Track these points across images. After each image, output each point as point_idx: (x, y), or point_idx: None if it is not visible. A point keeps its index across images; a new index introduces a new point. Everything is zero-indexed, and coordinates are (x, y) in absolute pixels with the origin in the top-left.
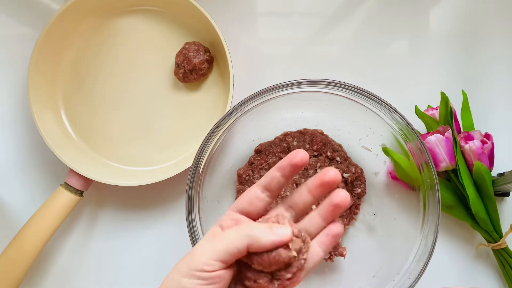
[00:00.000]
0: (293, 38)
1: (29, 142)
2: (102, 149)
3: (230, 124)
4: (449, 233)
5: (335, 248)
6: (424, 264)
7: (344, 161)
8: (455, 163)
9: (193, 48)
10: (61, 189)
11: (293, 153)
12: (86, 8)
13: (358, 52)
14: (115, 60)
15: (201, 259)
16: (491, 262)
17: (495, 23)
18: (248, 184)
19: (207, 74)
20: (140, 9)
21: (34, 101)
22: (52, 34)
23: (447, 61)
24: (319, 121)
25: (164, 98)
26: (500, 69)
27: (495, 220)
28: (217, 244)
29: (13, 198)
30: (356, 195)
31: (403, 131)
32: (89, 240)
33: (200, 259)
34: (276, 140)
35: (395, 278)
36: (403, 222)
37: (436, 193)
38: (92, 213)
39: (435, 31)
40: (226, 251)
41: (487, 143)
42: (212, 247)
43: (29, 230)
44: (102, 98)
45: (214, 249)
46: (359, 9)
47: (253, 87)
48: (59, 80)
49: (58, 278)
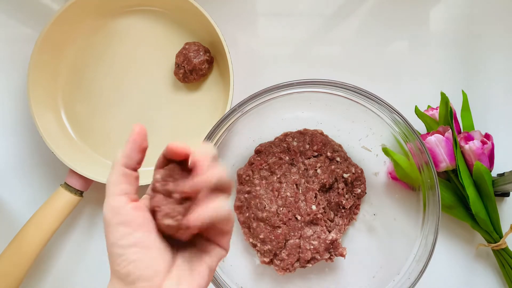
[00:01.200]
0: (293, 38)
1: (29, 143)
2: (102, 149)
3: (230, 125)
4: (449, 233)
5: (335, 248)
6: (424, 264)
7: (344, 161)
8: (455, 163)
9: (193, 49)
10: (61, 189)
11: None
12: (86, 8)
13: (358, 52)
14: (115, 60)
15: (107, 211)
16: (491, 262)
17: (495, 23)
18: (248, 184)
19: (207, 75)
20: (140, 9)
21: (34, 102)
22: (52, 34)
23: (447, 61)
24: (319, 121)
25: (164, 98)
26: (500, 69)
27: (495, 220)
28: (108, 189)
29: (13, 198)
30: (356, 195)
31: (403, 131)
32: (89, 240)
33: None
34: (276, 141)
35: (395, 278)
36: (403, 222)
37: (436, 193)
38: (92, 213)
39: (435, 32)
40: (113, 183)
41: (487, 143)
42: (107, 193)
43: (29, 230)
44: (102, 98)
45: (108, 193)
46: (359, 9)
47: (253, 88)
48: (59, 81)
49: (58, 278)
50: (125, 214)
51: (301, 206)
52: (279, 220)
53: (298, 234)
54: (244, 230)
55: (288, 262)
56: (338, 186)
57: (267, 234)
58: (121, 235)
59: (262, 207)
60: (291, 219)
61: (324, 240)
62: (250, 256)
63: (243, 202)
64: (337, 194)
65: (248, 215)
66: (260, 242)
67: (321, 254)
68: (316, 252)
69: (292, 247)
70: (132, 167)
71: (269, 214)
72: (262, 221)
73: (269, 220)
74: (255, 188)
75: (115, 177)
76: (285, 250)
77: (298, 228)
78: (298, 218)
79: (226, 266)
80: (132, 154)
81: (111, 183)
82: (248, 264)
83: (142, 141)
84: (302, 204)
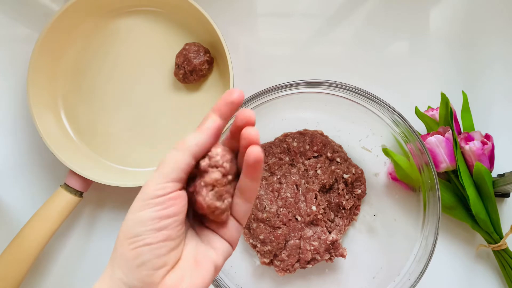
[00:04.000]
0: (293, 39)
1: (29, 143)
2: (102, 150)
3: (230, 125)
4: (449, 234)
5: (336, 249)
6: (425, 265)
7: (344, 162)
8: (456, 164)
9: (193, 49)
10: (61, 190)
11: (228, 92)
12: (86, 9)
13: (358, 53)
14: (115, 61)
15: (153, 187)
16: (491, 263)
17: (495, 24)
18: None
19: (207, 75)
20: (140, 10)
21: (34, 102)
22: (52, 35)
23: (447, 62)
24: (319, 122)
25: (164, 99)
26: (500, 69)
27: (495, 221)
28: (164, 168)
29: (13, 199)
30: (357, 196)
31: (403, 132)
32: (89, 241)
33: (152, 187)
34: (276, 141)
35: (395, 279)
36: (404, 223)
37: (437, 194)
38: (92, 214)
39: (435, 32)
40: (175, 168)
41: (487, 144)
42: (161, 172)
43: (29, 231)
44: (102, 99)
45: (163, 173)
46: (359, 10)
47: (253, 88)
48: (59, 81)
49: (58, 278)
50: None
51: (301, 207)
52: (279, 221)
53: (298, 234)
54: (244, 231)
55: (288, 263)
56: (338, 186)
57: (267, 235)
58: (153, 217)
59: (262, 208)
60: (291, 220)
61: (325, 241)
62: (250, 257)
63: None
64: (337, 194)
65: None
66: (260, 242)
67: (321, 255)
68: (316, 253)
69: (292, 248)
70: (198, 158)
71: (269, 214)
72: (262, 222)
73: (269, 220)
74: None
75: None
76: (285, 251)
77: (298, 228)
78: (298, 219)
79: (226, 267)
80: (206, 144)
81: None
82: (248, 265)
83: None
84: (302, 205)
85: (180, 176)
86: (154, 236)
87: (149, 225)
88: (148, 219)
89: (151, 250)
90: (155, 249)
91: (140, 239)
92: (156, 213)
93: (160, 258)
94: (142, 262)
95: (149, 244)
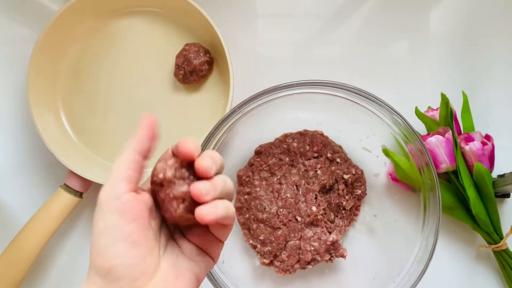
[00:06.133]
0: (293, 39)
1: (29, 144)
2: (102, 150)
3: (230, 126)
4: (449, 235)
5: (336, 250)
6: (425, 265)
7: (345, 162)
8: (456, 165)
9: (193, 50)
10: (60, 190)
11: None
12: (86, 9)
13: (358, 53)
14: (115, 61)
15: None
16: (491, 263)
17: (495, 24)
18: (248, 185)
19: (207, 76)
20: (140, 10)
21: (34, 103)
22: (51, 35)
23: (447, 62)
24: (319, 122)
25: (164, 100)
26: (500, 70)
27: (495, 222)
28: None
29: (13, 199)
30: (357, 197)
31: (404, 132)
32: (89, 241)
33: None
34: (276, 142)
35: (395, 280)
36: (404, 223)
37: (437, 195)
38: (92, 214)
39: (435, 33)
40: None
41: (488, 144)
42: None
43: (29, 231)
44: (102, 99)
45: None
46: (359, 10)
47: (253, 88)
48: (58, 82)
49: (58, 278)
50: (123, 202)
51: (301, 207)
52: (279, 221)
53: (298, 235)
54: (244, 231)
55: (288, 263)
56: (339, 187)
57: (267, 236)
58: (112, 224)
59: (262, 208)
60: (291, 220)
61: (325, 241)
62: (250, 258)
63: (243, 203)
64: (337, 195)
65: (248, 216)
66: (260, 243)
67: (322, 255)
68: (316, 253)
69: (292, 249)
70: (143, 154)
71: (269, 215)
72: (262, 222)
73: (269, 221)
74: (255, 189)
75: (123, 162)
76: (285, 252)
77: (298, 229)
78: (298, 219)
79: (225, 268)
80: (144, 140)
81: (117, 167)
82: (248, 265)
83: (154, 129)
84: (302, 205)
85: (129, 174)
86: (122, 246)
87: (113, 234)
88: (109, 227)
89: (123, 261)
90: (128, 259)
91: (109, 252)
92: (117, 218)
93: (135, 268)
94: (119, 275)
95: (120, 255)
